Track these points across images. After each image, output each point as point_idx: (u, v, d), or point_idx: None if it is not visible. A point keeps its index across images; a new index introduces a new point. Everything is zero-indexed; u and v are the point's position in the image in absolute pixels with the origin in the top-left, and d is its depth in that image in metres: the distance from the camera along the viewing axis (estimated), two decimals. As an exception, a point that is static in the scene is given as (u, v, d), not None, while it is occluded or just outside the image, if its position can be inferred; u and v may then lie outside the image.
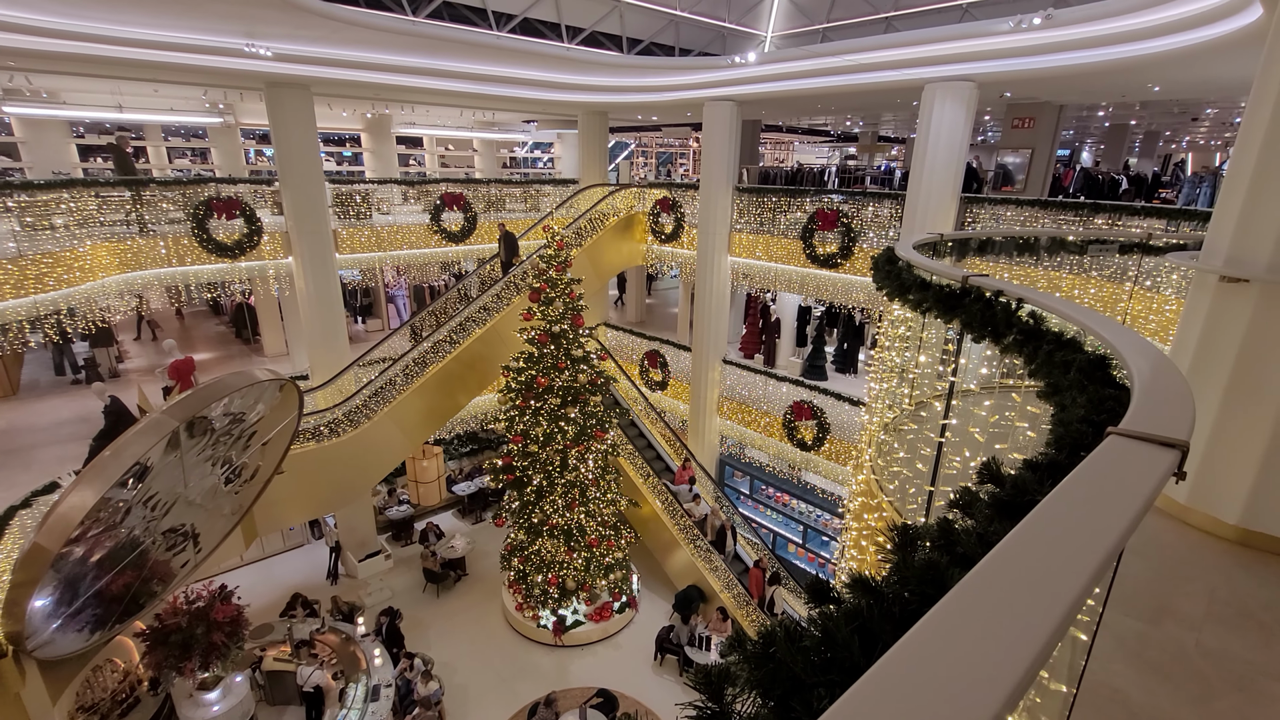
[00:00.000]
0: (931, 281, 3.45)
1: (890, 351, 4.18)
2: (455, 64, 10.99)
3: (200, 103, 15.59)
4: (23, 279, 8.53)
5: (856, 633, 0.90)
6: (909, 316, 3.89)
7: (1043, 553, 0.87)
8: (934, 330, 3.83)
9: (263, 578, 13.49)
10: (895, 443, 3.98)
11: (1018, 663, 0.64)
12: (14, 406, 12.94)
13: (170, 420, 6.99)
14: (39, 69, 10.76)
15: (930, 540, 1.18)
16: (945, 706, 0.59)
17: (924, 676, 0.62)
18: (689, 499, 12.74)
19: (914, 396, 3.97)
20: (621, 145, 32.12)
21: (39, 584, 6.55)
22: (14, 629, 6.69)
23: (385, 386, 11.92)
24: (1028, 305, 2.90)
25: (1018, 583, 0.80)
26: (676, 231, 14.39)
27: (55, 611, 7.18)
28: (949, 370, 3.52)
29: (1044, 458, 1.50)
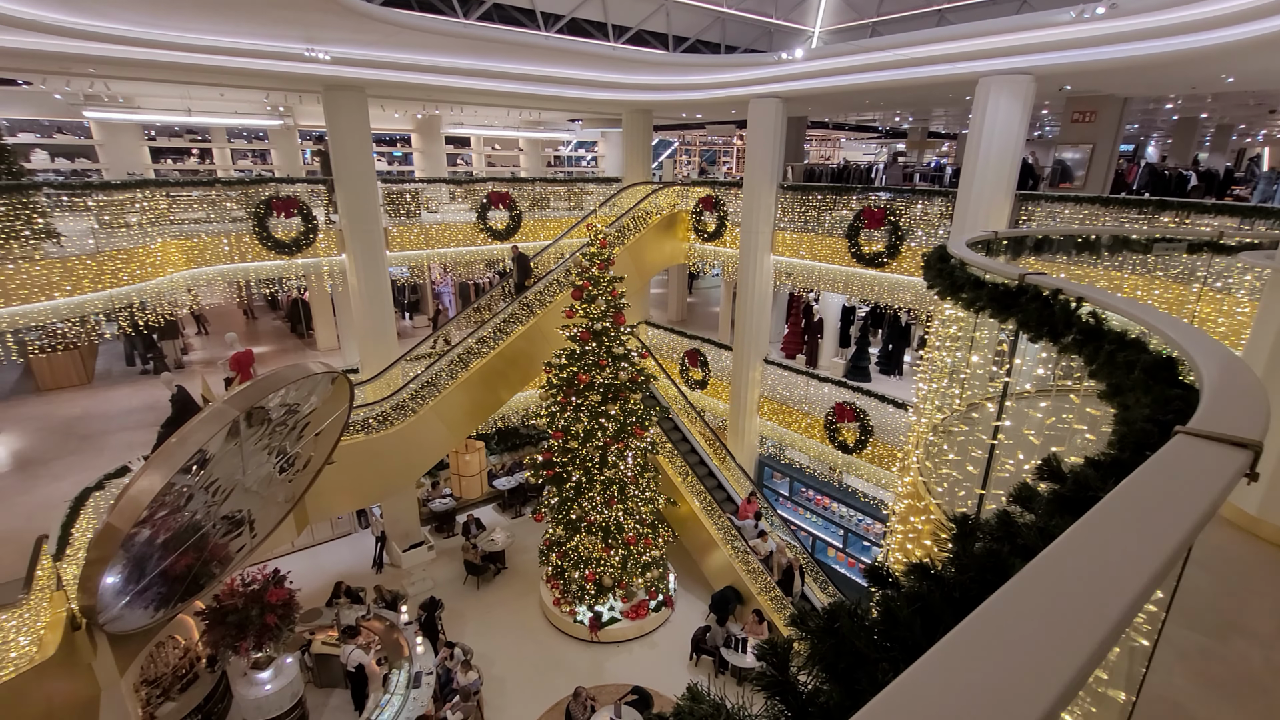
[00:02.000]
0: (986, 280, 3.35)
1: (940, 351, 4.07)
2: (503, 64, 11.19)
3: (262, 106, 16.29)
4: (100, 274, 9.07)
5: (918, 614, 0.90)
6: (961, 316, 3.79)
7: (1105, 547, 0.84)
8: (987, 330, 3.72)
9: (312, 564, 13.99)
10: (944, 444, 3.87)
11: (1077, 654, 0.63)
12: (88, 394, 13.77)
13: (231, 410, 7.32)
14: (117, 75, 11.42)
15: (989, 532, 1.16)
16: (1008, 690, 0.58)
17: (985, 659, 0.61)
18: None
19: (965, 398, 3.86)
20: (665, 143, 32.13)
21: (110, 562, 6.94)
22: (87, 603, 7.12)
23: (431, 381, 12.23)
24: (1088, 304, 2.79)
25: (1080, 575, 0.78)
26: (719, 230, 14.32)
27: (124, 588, 7.61)
28: (1002, 371, 3.41)
29: (1106, 456, 1.45)
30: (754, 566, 11.83)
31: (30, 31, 7.68)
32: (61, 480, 9.90)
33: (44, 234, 8.56)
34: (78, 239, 9.12)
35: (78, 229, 9.27)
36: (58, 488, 9.58)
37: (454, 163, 24.66)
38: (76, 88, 12.91)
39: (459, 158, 25.40)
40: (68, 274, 8.71)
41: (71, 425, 12.16)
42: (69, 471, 10.23)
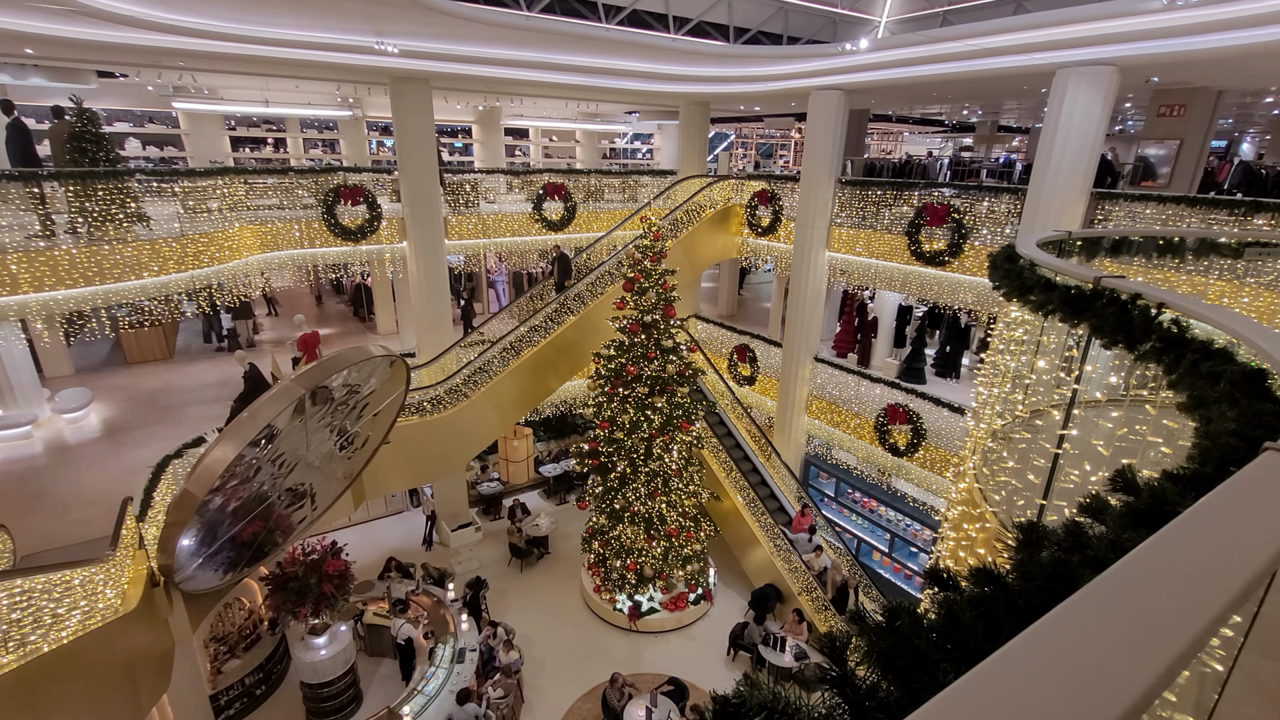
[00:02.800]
0: (1057, 282, 3.19)
1: (1004, 355, 3.91)
2: (564, 57, 11.31)
3: (333, 97, 16.95)
4: (183, 256, 9.66)
5: (980, 619, 0.89)
6: (1028, 319, 3.62)
7: (1184, 563, 0.81)
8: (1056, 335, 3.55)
9: (366, 539, 14.58)
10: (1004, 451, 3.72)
11: (1146, 673, 0.61)
12: (169, 368, 14.70)
13: (298, 388, 7.68)
14: (204, 68, 12.11)
15: (1057, 542, 1.13)
16: (1071, 704, 0.57)
17: (1051, 669, 0.60)
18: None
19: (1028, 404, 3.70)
20: (721, 136, 31.79)
21: (186, 525, 7.42)
22: (166, 562, 7.63)
23: (483, 368, 12.53)
24: (1171, 310, 2.63)
25: (1154, 591, 0.75)
26: (774, 225, 14.11)
27: (198, 551, 8.12)
28: (1071, 377, 3.25)
29: (1187, 470, 1.37)
30: (795, 566, 11.69)
31: (128, 27, 8.22)
32: (145, 447, 10.63)
33: (136, 217, 9.17)
34: (164, 223, 9.73)
35: (165, 213, 9.89)
36: (141, 454, 10.29)
37: (512, 154, 25.09)
38: (167, 80, 13.75)
39: (516, 149, 25.82)
40: (155, 255, 9.31)
41: (154, 397, 13.02)
42: (151, 439, 10.96)
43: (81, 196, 8.61)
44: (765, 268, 19.88)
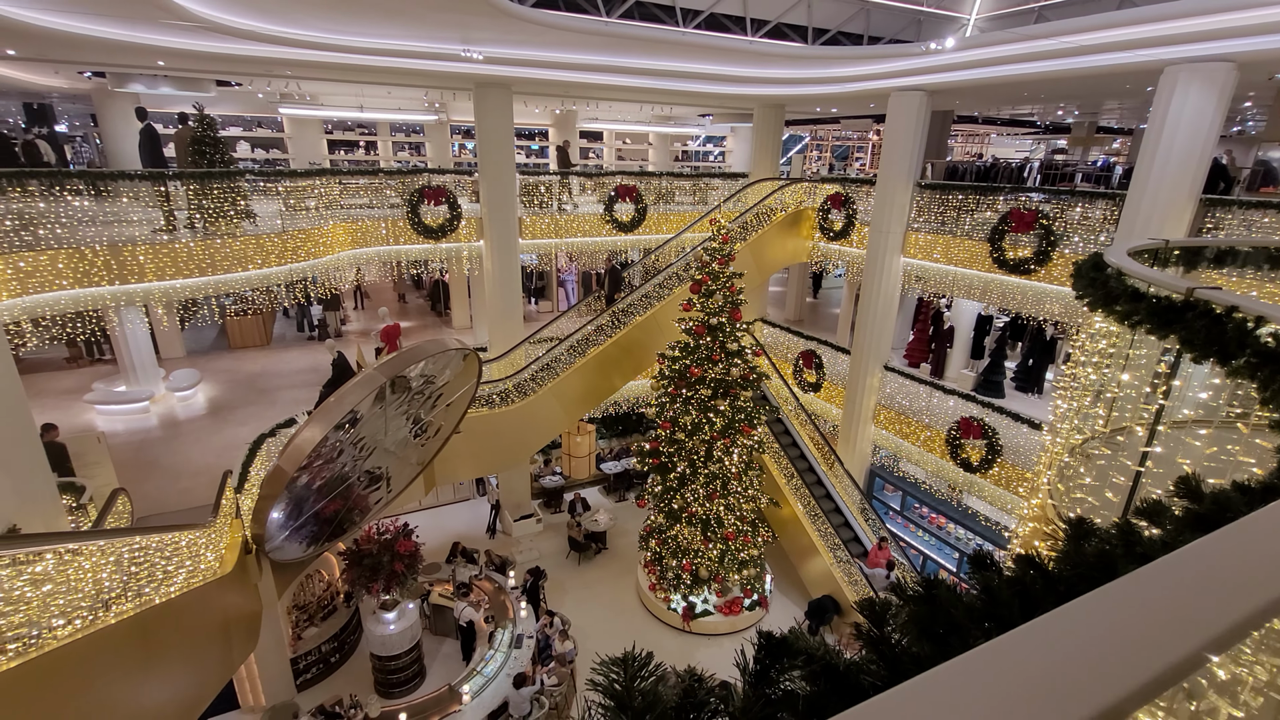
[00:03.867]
0: (1146, 292, 3.02)
1: (1086, 368, 3.71)
2: (640, 60, 11.48)
3: (421, 102, 17.85)
4: (283, 250, 10.45)
5: (1018, 597, 0.92)
6: (1114, 330, 3.43)
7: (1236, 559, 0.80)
8: (1145, 348, 3.34)
9: (435, 523, 15.25)
10: (1081, 468, 3.54)
11: (1159, 658, 0.63)
12: (266, 354, 15.90)
13: (380, 376, 8.17)
14: (307, 76, 13.05)
15: (1106, 539, 1.12)
16: (1096, 669, 0.60)
17: (1081, 639, 0.63)
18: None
19: (1110, 419, 3.49)
20: (795, 138, 31.27)
21: (277, 499, 8.03)
22: (258, 532, 8.29)
23: (551, 364, 12.88)
24: (1271, 324, 2.46)
25: (1195, 586, 0.75)
26: (846, 229, 13.80)
27: (285, 524, 8.77)
28: (1158, 393, 3.06)
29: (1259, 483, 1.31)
30: (856, 578, 11.39)
31: (246, 39, 8.99)
32: (243, 426, 11.56)
33: (244, 214, 10.00)
34: (268, 219, 10.56)
35: (269, 211, 10.73)
36: (240, 431, 11.20)
37: (585, 156, 25.60)
38: (275, 88, 14.90)
39: (590, 151, 26.32)
40: (259, 249, 10.12)
41: (252, 379, 14.13)
42: (249, 419, 11.91)
43: (200, 195, 9.49)
44: (836, 273, 19.43)
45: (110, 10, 7.64)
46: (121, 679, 4.96)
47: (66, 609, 4.27)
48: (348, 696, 9.62)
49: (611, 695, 0.88)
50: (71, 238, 8.47)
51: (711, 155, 30.19)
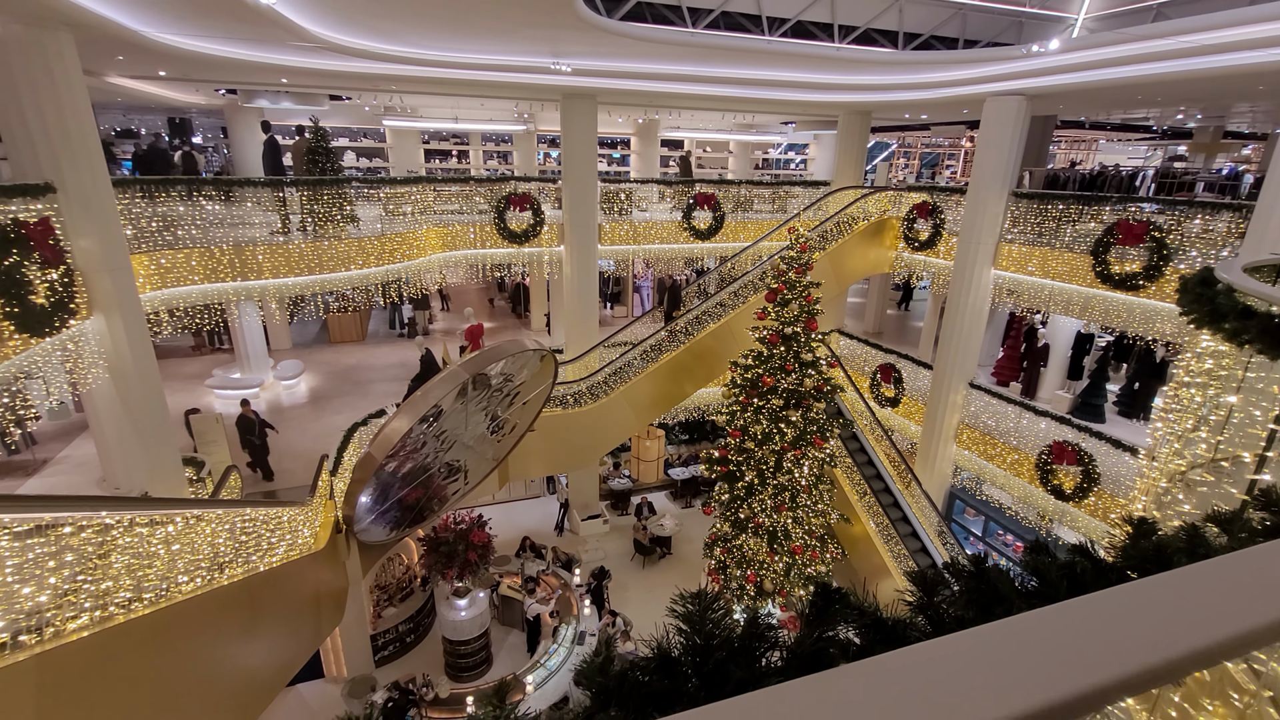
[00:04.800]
0: (1259, 309, 2.79)
1: (1190, 390, 3.44)
2: (724, 70, 11.54)
3: (511, 113, 18.65)
4: (381, 252, 11.21)
5: (1066, 578, 0.95)
6: (1223, 350, 3.18)
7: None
8: (1262, 370, 3.08)
9: (506, 518, 15.79)
10: (1181, 495, 3.29)
11: (1173, 647, 0.65)
12: (361, 349, 17.02)
13: (463, 373, 8.62)
14: (409, 90, 13.97)
15: (1171, 541, 1.11)
16: (1126, 645, 0.64)
17: (1117, 616, 0.66)
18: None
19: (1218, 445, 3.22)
20: (882, 145, 30.33)
21: (366, 484, 8.62)
22: (348, 513, 8.92)
23: (624, 368, 13.11)
24: None
25: (1247, 580, 0.76)
26: (933, 239, 13.28)
27: (372, 508, 9.38)
28: (1270, 418, 2.82)
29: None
30: (932, 606, 10.88)
31: (358, 57, 9.76)
32: (339, 414, 12.44)
33: (349, 219, 10.82)
34: (369, 223, 11.35)
35: (370, 215, 11.54)
36: (336, 420, 12.06)
37: (665, 164, 25.88)
38: (380, 101, 16.01)
39: (670, 159, 26.57)
40: (360, 251, 10.91)
41: (349, 372, 15.17)
42: (344, 408, 12.81)
43: (311, 200, 10.35)
44: (921, 284, 18.69)
45: (245, 34, 8.51)
46: (232, 635, 5.49)
47: (189, 568, 4.79)
48: (420, 675, 10.14)
49: (687, 621, 0.99)
50: (203, 238, 9.45)
51: (793, 163, 29.76)
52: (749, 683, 0.92)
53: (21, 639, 2.84)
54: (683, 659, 0.96)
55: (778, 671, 0.95)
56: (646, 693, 0.94)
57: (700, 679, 0.93)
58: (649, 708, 0.90)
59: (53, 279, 6.46)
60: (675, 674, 0.94)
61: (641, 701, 0.93)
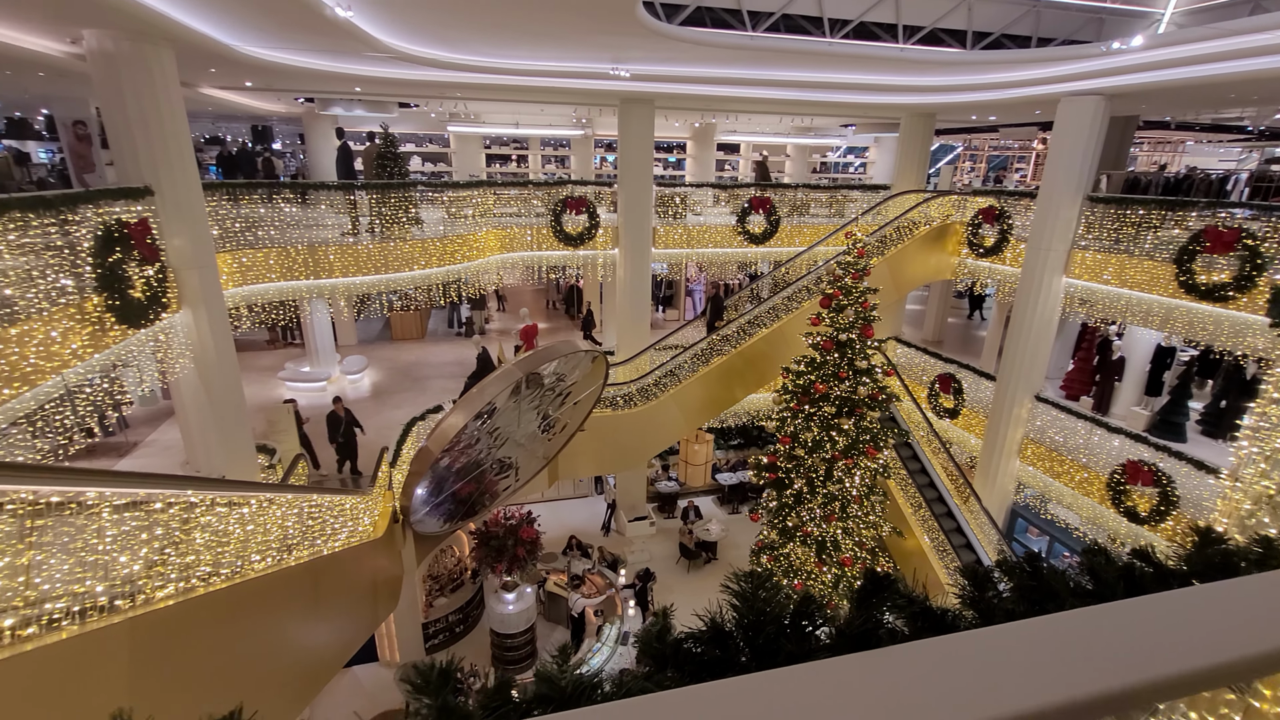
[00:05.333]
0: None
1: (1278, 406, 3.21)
2: (786, 73, 11.44)
3: (569, 119, 18.99)
4: (444, 253, 11.61)
5: (1122, 580, 0.94)
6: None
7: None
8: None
9: (554, 516, 16.03)
10: (1267, 518, 3.06)
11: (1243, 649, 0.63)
12: (421, 346, 17.63)
13: (518, 371, 8.84)
14: (474, 97, 14.43)
15: (1245, 555, 1.08)
16: (1166, 645, 0.64)
17: (1178, 617, 0.66)
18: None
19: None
20: (946, 148, 29.34)
21: (423, 476, 8.94)
22: (405, 504, 9.26)
23: (674, 371, 13.13)
24: None
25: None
26: (999, 245, 12.77)
27: (427, 500, 9.72)
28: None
29: None
30: (990, 627, 10.44)
31: (427, 66, 10.17)
32: (399, 409, 12.92)
33: (413, 221, 11.26)
34: (432, 226, 11.78)
35: (433, 218, 11.97)
36: (395, 414, 12.52)
37: (720, 168, 25.79)
38: (445, 108, 16.59)
39: (726, 163, 26.47)
40: (423, 252, 11.33)
41: (409, 368, 15.74)
42: (404, 403, 13.29)
43: (379, 203, 10.83)
44: (986, 291, 17.98)
45: (324, 46, 9.00)
46: (297, 614, 5.81)
47: (261, 547, 5.10)
48: (467, 664, 10.41)
49: (740, 597, 1.03)
50: (281, 238, 10.02)
51: (851, 167, 29.14)
52: (798, 657, 0.94)
53: (118, 603, 3.11)
54: (734, 633, 1.00)
55: (826, 649, 0.97)
56: (699, 662, 0.98)
57: (752, 651, 0.96)
58: (703, 674, 0.94)
59: (148, 275, 6.99)
60: (727, 646, 0.98)
61: (696, 669, 0.97)
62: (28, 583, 2.59)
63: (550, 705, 0.90)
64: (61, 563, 2.86)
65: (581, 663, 10.74)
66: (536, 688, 0.97)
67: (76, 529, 2.96)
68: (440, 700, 0.90)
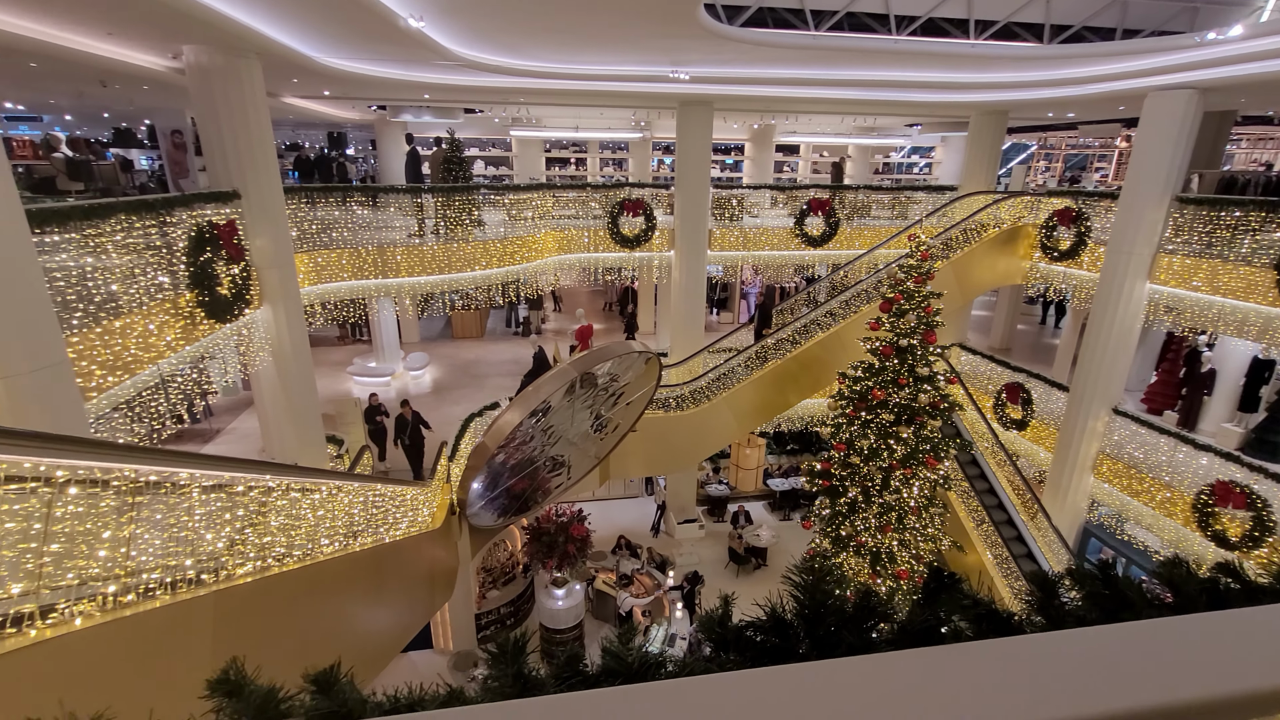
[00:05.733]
0: None
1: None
2: (848, 72, 11.21)
3: (628, 122, 19.16)
4: (504, 254, 11.93)
5: (1204, 593, 0.90)
6: None
7: None
8: None
9: (604, 515, 16.15)
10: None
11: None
12: (480, 345, 18.14)
13: (573, 371, 8.99)
14: (536, 102, 14.77)
15: None
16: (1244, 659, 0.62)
17: (1241, 632, 0.64)
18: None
19: None
20: (1019, 147, 28.00)
21: (479, 471, 9.21)
22: (462, 497, 9.56)
23: (727, 374, 13.05)
24: None
25: None
26: (1075, 249, 12.12)
27: (483, 494, 9.99)
28: None
29: None
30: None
31: (493, 73, 10.48)
32: (458, 405, 13.33)
33: (476, 223, 11.61)
34: (493, 227, 12.12)
35: (494, 220, 12.31)
36: (454, 410, 12.93)
37: (779, 169, 25.45)
38: (509, 113, 17.04)
39: (785, 165, 26.09)
40: (484, 253, 11.67)
41: (468, 366, 16.23)
42: (463, 399, 13.72)
43: (444, 206, 11.23)
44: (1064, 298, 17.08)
45: (397, 55, 9.41)
46: (361, 597, 6.10)
47: (329, 532, 5.38)
48: (519, 656, 10.63)
49: (800, 589, 1.04)
50: (353, 239, 10.53)
51: (916, 167, 28.21)
52: (859, 650, 0.95)
53: (203, 577, 3.35)
54: (794, 622, 1.01)
55: (889, 643, 0.97)
56: (759, 648, 0.99)
57: (812, 641, 0.97)
58: (762, 660, 0.95)
59: (234, 273, 7.49)
60: (786, 635, 0.99)
61: (756, 654, 0.98)
62: (128, 554, 2.83)
63: (618, 679, 0.93)
64: (156, 537, 3.11)
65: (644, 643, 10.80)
66: (604, 661, 1.01)
67: (169, 507, 3.22)
68: (516, 668, 0.95)
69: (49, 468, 2.33)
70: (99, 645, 2.53)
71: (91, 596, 2.56)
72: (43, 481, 2.33)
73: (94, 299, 5.48)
